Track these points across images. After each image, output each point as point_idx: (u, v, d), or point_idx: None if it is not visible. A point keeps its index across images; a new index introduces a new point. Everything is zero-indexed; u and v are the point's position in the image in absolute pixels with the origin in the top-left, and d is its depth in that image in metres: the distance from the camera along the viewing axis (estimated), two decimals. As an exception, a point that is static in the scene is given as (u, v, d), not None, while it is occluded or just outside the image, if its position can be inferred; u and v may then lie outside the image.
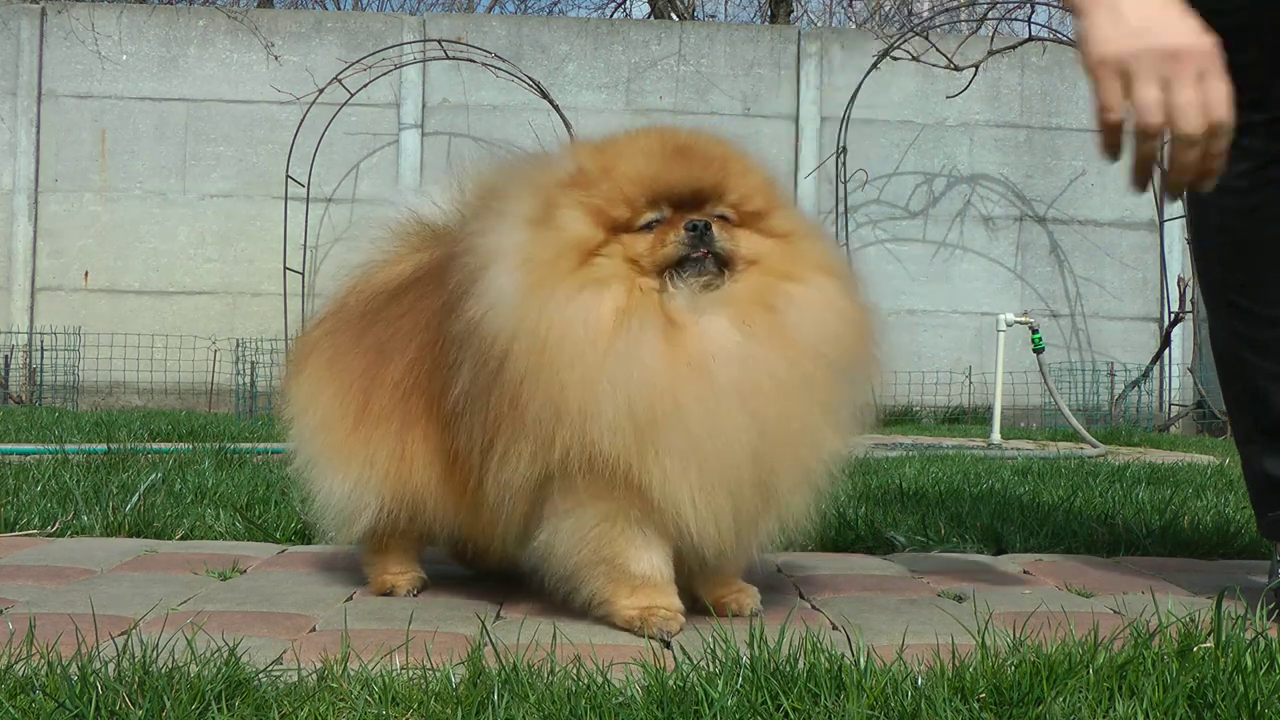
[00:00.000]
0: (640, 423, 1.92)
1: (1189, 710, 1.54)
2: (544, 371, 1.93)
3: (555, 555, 2.06)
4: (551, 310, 1.95)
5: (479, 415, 2.03)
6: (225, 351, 10.36)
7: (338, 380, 2.31)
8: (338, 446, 2.29)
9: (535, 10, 21.27)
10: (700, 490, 1.96)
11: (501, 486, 2.04)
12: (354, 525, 2.30)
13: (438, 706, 1.55)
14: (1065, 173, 10.97)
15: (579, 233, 2.02)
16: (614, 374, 1.92)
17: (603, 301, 1.96)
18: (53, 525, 3.07)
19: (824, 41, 11.07)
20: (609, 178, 2.04)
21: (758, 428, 1.96)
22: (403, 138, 10.68)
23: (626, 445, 1.93)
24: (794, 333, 2.01)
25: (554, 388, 1.93)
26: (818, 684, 1.59)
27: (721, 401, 1.95)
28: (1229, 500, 3.70)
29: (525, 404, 1.95)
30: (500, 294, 1.98)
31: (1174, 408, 10.58)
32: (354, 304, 2.39)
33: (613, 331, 1.94)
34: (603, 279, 1.99)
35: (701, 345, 1.96)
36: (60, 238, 10.53)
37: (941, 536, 3.06)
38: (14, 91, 10.56)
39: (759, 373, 1.97)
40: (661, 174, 2.03)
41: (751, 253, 2.05)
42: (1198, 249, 2.45)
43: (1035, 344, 7.45)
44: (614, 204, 2.02)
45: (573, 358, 1.92)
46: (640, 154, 2.07)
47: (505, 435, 2.00)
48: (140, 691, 1.53)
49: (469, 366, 2.03)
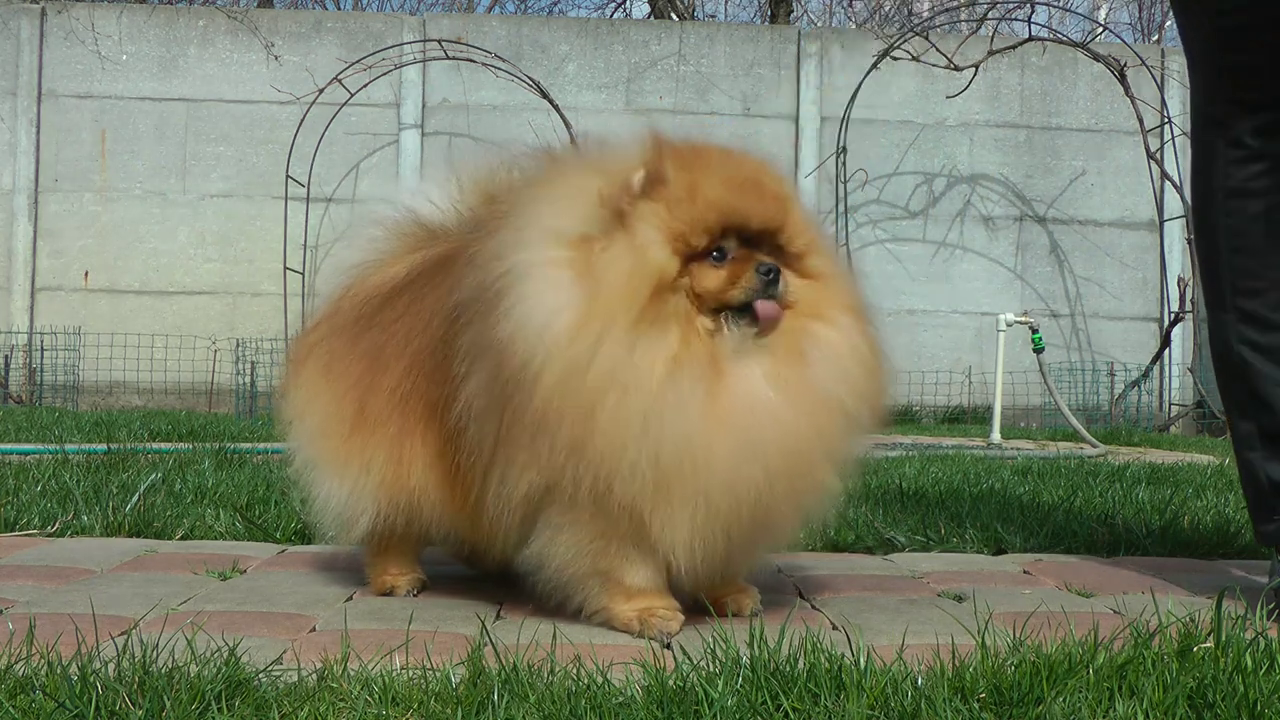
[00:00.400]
0: (664, 474, 1.89)
1: (1189, 710, 1.54)
2: (578, 409, 1.87)
3: (551, 565, 2.06)
4: (606, 353, 1.86)
5: (487, 430, 1.99)
6: (225, 351, 10.36)
7: (334, 386, 2.31)
8: (335, 452, 2.28)
9: (535, 10, 21.28)
10: (700, 536, 1.96)
11: (501, 500, 2.02)
12: (353, 529, 2.31)
13: (438, 706, 1.55)
14: (1065, 173, 10.97)
15: (659, 261, 1.92)
16: (652, 426, 1.87)
17: (660, 349, 1.89)
18: (53, 525, 3.07)
19: (824, 41, 11.07)
20: (694, 201, 1.94)
21: (768, 480, 1.95)
22: (403, 138, 10.67)
23: (642, 491, 1.90)
24: (819, 385, 1.99)
25: (584, 427, 1.87)
26: (818, 684, 1.59)
27: (745, 458, 1.92)
28: (1229, 500, 3.70)
29: (545, 433, 1.90)
30: (538, 317, 1.89)
31: (1174, 408, 10.58)
32: (348, 308, 2.37)
33: (663, 382, 1.88)
34: (662, 320, 1.91)
35: (736, 402, 1.93)
36: (60, 238, 10.53)
37: (941, 536, 3.06)
38: (14, 91, 10.56)
39: (781, 429, 1.95)
40: (739, 206, 1.96)
41: (792, 297, 2.02)
42: (1204, 252, 2.41)
43: (1035, 344, 7.45)
44: (696, 232, 1.93)
45: (615, 403, 1.86)
46: (720, 180, 1.98)
47: (512, 456, 1.97)
48: (140, 691, 1.53)
49: (480, 381, 1.99)
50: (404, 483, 2.21)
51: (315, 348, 2.39)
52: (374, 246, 2.46)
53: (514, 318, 1.90)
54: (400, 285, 2.31)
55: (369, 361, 2.27)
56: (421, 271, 2.30)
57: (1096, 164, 10.98)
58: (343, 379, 2.30)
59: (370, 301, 2.34)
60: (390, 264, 2.39)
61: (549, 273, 1.92)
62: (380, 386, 2.24)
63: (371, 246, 2.46)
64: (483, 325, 1.97)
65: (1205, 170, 2.39)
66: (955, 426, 9.64)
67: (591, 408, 1.87)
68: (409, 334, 2.23)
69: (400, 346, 2.23)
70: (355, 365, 2.29)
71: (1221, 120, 2.34)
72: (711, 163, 2.01)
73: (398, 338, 2.24)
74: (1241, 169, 2.31)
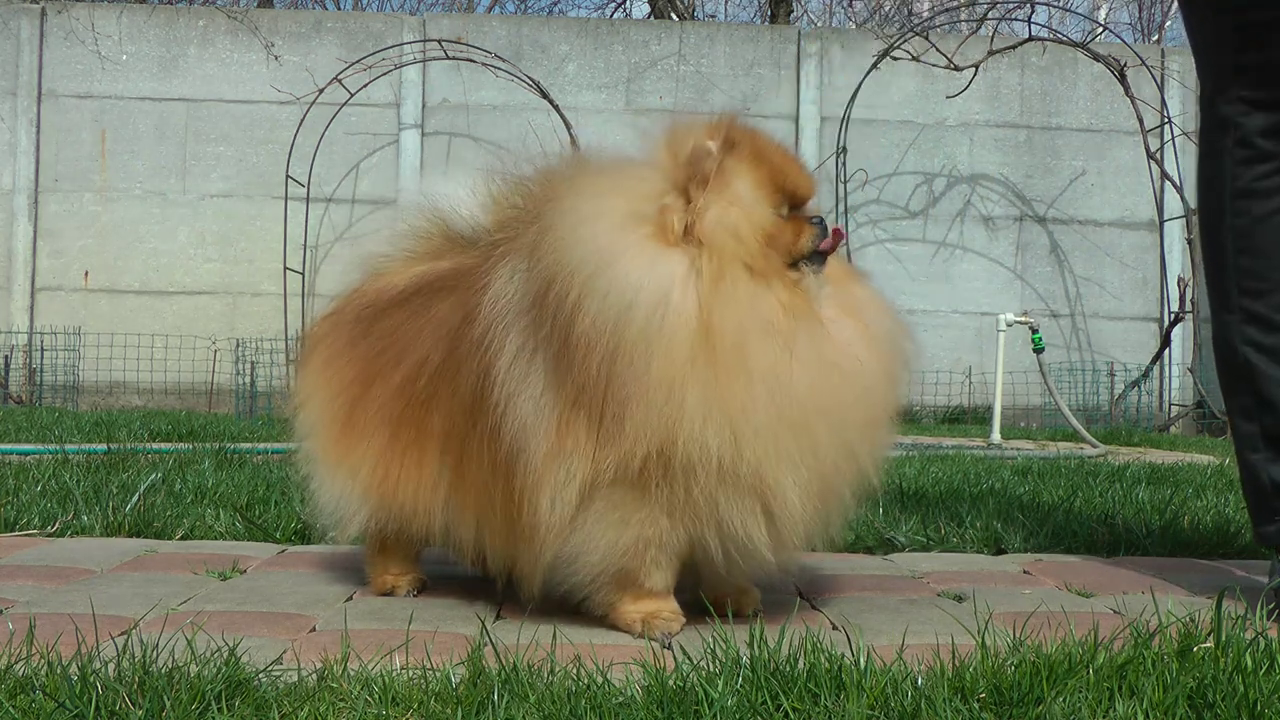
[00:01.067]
0: (789, 425, 1.89)
1: (1189, 710, 1.54)
2: (709, 368, 1.85)
3: (582, 562, 2.02)
4: (736, 305, 1.88)
5: (546, 421, 1.93)
6: (225, 351, 10.36)
7: (329, 385, 2.32)
8: (326, 451, 2.30)
9: (535, 10, 21.28)
10: (806, 497, 1.94)
11: (555, 491, 1.94)
12: (345, 528, 2.33)
13: (438, 706, 1.55)
14: (1065, 173, 10.97)
15: (763, 212, 1.98)
16: (783, 375, 1.88)
17: (772, 298, 1.93)
18: (53, 525, 3.07)
19: (824, 41, 11.07)
20: (766, 162, 2.02)
21: (857, 430, 1.99)
22: (403, 138, 10.67)
23: (767, 449, 1.89)
24: (881, 333, 2.06)
25: (719, 386, 1.85)
26: (818, 684, 1.59)
27: (852, 402, 1.96)
28: (1229, 500, 3.70)
29: (667, 406, 1.85)
30: (650, 290, 1.86)
31: (1174, 408, 10.58)
32: (351, 309, 2.38)
33: (789, 330, 1.91)
34: (767, 272, 1.94)
35: (839, 347, 1.98)
36: (60, 238, 10.53)
37: (941, 536, 3.06)
38: (14, 91, 10.56)
39: (872, 371, 2.00)
40: (795, 176, 2.05)
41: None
42: (1210, 253, 2.39)
43: (1035, 344, 7.44)
44: (773, 190, 2.01)
45: (753, 354, 1.87)
46: (773, 150, 2.06)
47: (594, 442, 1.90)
48: (140, 691, 1.53)
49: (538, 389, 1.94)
50: (390, 496, 2.21)
51: (320, 341, 2.40)
52: (394, 244, 2.43)
53: (614, 299, 1.86)
54: (399, 298, 2.30)
55: (362, 367, 2.27)
56: (421, 288, 2.28)
57: (1096, 164, 10.98)
58: (338, 378, 2.30)
59: (372, 306, 2.33)
60: (399, 269, 2.37)
61: (646, 248, 1.91)
62: (369, 398, 2.24)
63: (392, 244, 2.43)
64: (549, 328, 1.92)
65: (1212, 171, 2.38)
66: (955, 426, 9.64)
67: (726, 363, 1.85)
68: (402, 351, 2.22)
69: (392, 362, 2.22)
70: (350, 368, 2.29)
71: (1230, 120, 2.32)
72: (756, 133, 2.08)
73: (390, 353, 2.24)
74: (1249, 169, 2.30)
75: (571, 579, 2.06)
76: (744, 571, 2.08)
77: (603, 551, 2.00)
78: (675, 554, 2.03)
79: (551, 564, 2.05)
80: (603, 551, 2.00)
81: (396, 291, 2.32)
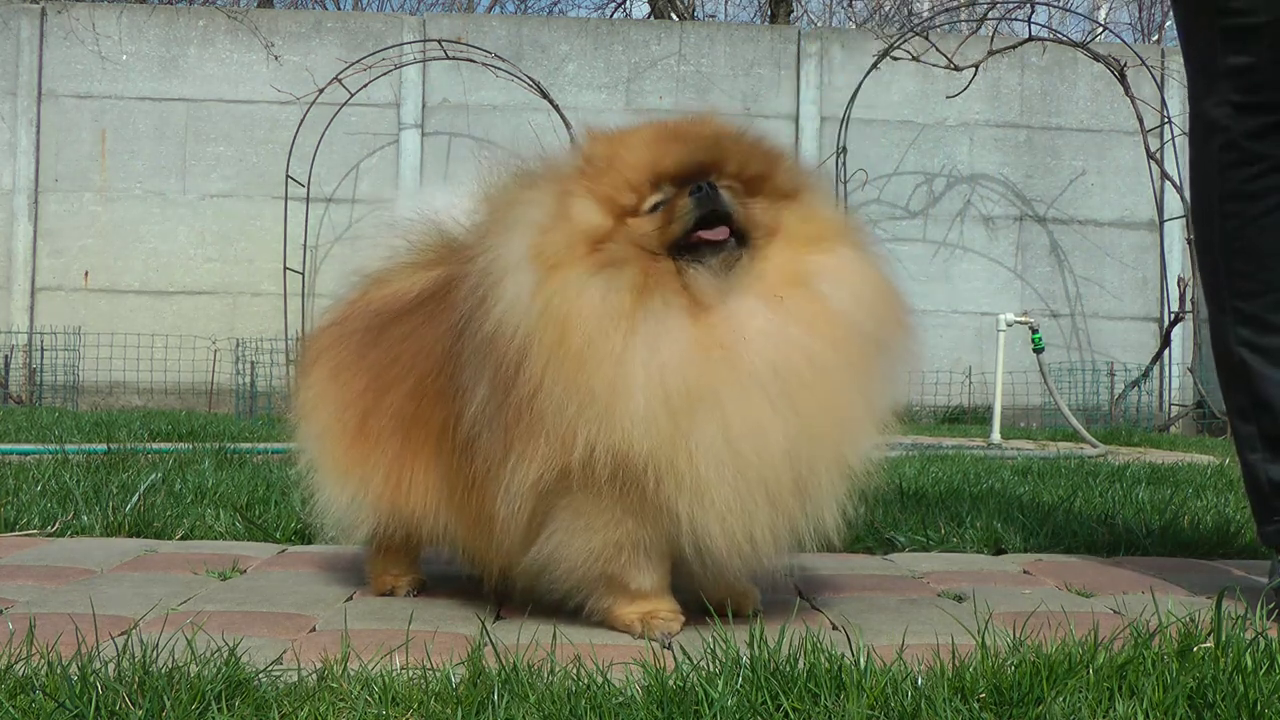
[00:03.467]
0: (675, 409, 1.83)
1: (1189, 710, 1.54)
2: (565, 361, 1.85)
3: (559, 569, 2.04)
4: (569, 295, 1.88)
5: (497, 427, 1.98)
6: (225, 351, 10.36)
7: (338, 395, 2.32)
8: (336, 460, 2.30)
9: (535, 10, 21.29)
10: (736, 497, 1.88)
11: (511, 497, 1.98)
12: (352, 534, 2.34)
13: (438, 706, 1.55)
14: (1065, 173, 10.97)
15: (589, 220, 1.96)
16: (642, 356, 1.84)
17: (619, 281, 1.90)
18: (53, 525, 3.07)
19: (824, 41, 11.07)
20: (613, 166, 2.00)
21: (798, 421, 1.88)
22: (403, 138, 10.67)
23: (660, 438, 1.83)
24: (831, 307, 1.94)
25: (576, 374, 1.84)
26: (818, 684, 1.59)
27: (759, 390, 1.86)
28: (1229, 500, 3.70)
29: (545, 399, 1.86)
30: (516, 292, 1.92)
31: (1174, 408, 10.58)
32: (358, 316, 2.37)
33: (633, 311, 1.87)
34: (615, 261, 1.92)
35: (731, 326, 1.88)
36: (60, 238, 10.53)
37: (941, 536, 3.06)
38: (14, 91, 10.56)
39: (796, 355, 1.88)
40: (660, 157, 1.99)
41: (771, 220, 1.99)
42: (1203, 254, 2.41)
43: (1035, 344, 7.45)
44: (620, 190, 1.97)
45: (593, 339, 1.85)
46: (639, 141, 2.03)
47: (521, 439, 1.93)
48: (140, 691, 1.53)
49: (486, 379, 1.98)
50: (402, 503, 2.22)
51: (325, 352, 2.40)
52: (393, 255, 2.44)
53: (500, 305, 1.94)
54: (410, 304, 2.31)
55: (373, 376, 2.28)
56: (433, 293, 2.29)
57: (1096, 164, 10.99)
58: (347, 389, 2.31)
59: (380, 315, 2.33)
60: (403, 277, 2.38)
61: (523, 262, 1.96)
62: (383, 406, 2.24)
63: (391, 255, 2.44)
64: (478, 327, 1.98)
65: (1203, 173, 2.40)
66: (955, 426, 9.64)
67: (576, 353, 1.84)
68: (415, 356, 2.22)
69: (405, 368, 2.23)
70: (360, 378, 2.30)
71: (1218, 123, 2.34)
72: (637, 131, 2.07)
73: (403, 359, 2.24)
74: (1239, 172, 2.31)
75: (557, 586, 2.06)
76: (727, 570, 2.02)
77: (578, 557, 2.00)
78: (657, 553, 2.02)
79: (529, 568, 2.07)
80: (578, 557, 2.00)
81: (405, 299, 2.32)
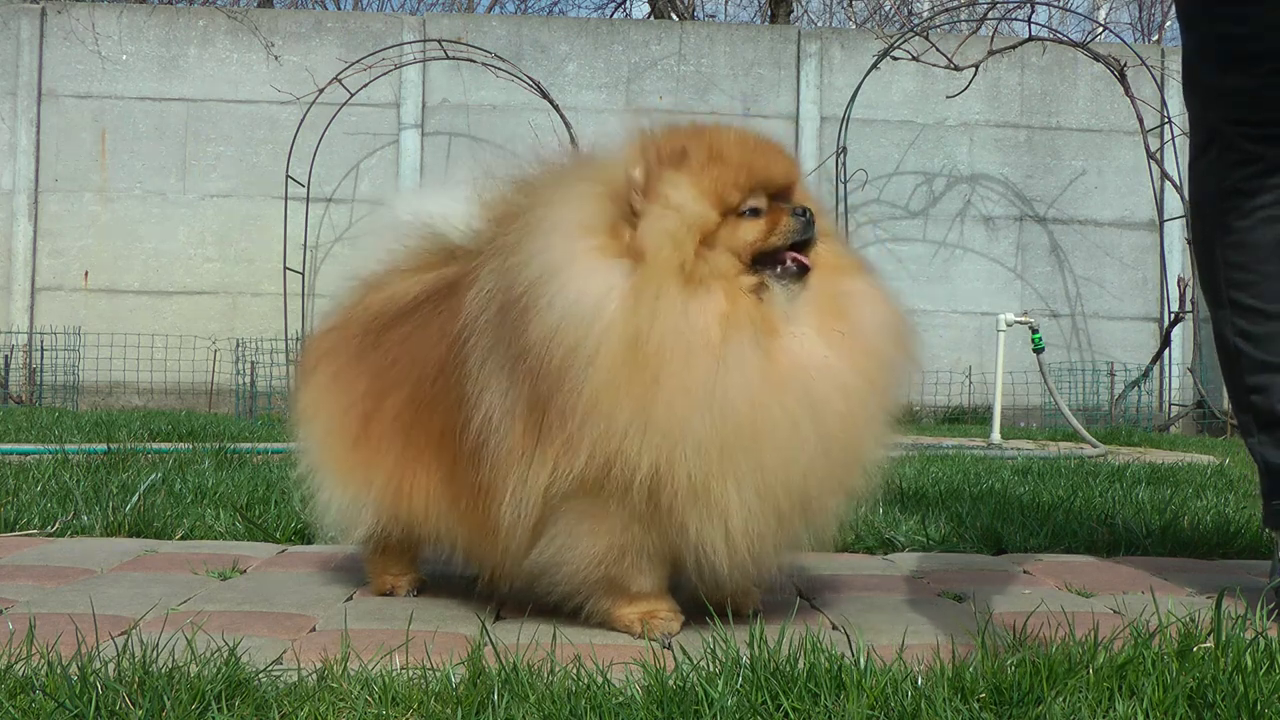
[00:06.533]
0: (728, 443, 1.85)
1: (1189, 710, 1.54)
2: (635, 383, 1.83)
3: (561, 572, 2.04)
4: (665, 317, 1.84)
5: (512, 436, 1.95)
6: (225, 351, 10.35)
7: (339, 398, 2.32)
8: (337, 462, 2.31)
9: (535, 10, 21.29)
10: (750, 518, 1.91)
11: (521, 503, 1.97)
12: (352, 534, 2.34)
13: (438, 706, 1.55)
14: (1065, 173, 10.97)
15: (699, 212, 1.92)
16: (718, 392, 1.84)
17: (709, 305, 1.88)
18: (53, 525, 3.07)
19: (824, 41, 11.07)
20: (721, 160, 1.97)
21: (823, 445, 1.92)
22: (403, 138, 10.67)
23: (707, 467, 1.86)
24: (865, 337, 2.00)
25: (645, 398, 1.83)
26: (818, 684, 1.59)
27: (804, 427, 1.90)
28: (1229, 500, 3.70)
29: (597, 414, 1.84)
30: (588, 301, 1.86)
31: (1174, 408, 10.58)
32: (357, 320, 2.37)
33: (719, 345, 1.86)
34: (707, 280, 1.90)
35: (794, 360, 1.92)
36: (60, 238, 10.53)
37: (941, 536, 3.06)
38: (14, 91, 10.55)
39: (833, 387, 1.93)
40: (761, 163, 2.00)
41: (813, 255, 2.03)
42: (1201, 248, 2.48)
43: (1035, 344, 7.44)
44: (728, 188, 1.95)
45: (676, 371, 1.83)
46: (738, 143, 2.02)
47: (548, 446, 1.91)
48: (140, 691, 1.53)
49: (502, 388, 1.96)
50: (403, 505, 2.22)
51: (326, 355, 2.40)
52: (391, 259, 2.43)
53: (556, 310, 1.87)
54: (408, 307, 2.30)
55: (372, 379, 2.28)
56: (430, 295, 2.28)
57: (1096, 164, 10.98)
58: (348, 392, 2.31)
59: (379, 318, 2.33)
60: (401, 280, 2.37)
61: (589, 260, 1.91)
62: (383, 410, 2.24)
63: (389, 258, 2.43)
64: (508, 332, 1.94)
65: (1201, 171, 2.47)
66: (955, 426, 9.63)
67: (656, 377, 1.83)
68: (413, 360, 2.22)
69: (404, 372, 2.23)
70: (360, 381, 2.30)
71: (1219, 130, 2.41)
72: (721, 131, 2.05)
73: (402, 362, 2.24)
74: (1238, 170, 2.38)
75: (557, 589, 2.06)
76: (727, 576, 2.03)
77: (582, 560, 2.01)
78: (658, 558, 2.03)
79: (528, 570, 2.06)
80: (582, 560, 2.01)
81: (403, 302, 2.32)
